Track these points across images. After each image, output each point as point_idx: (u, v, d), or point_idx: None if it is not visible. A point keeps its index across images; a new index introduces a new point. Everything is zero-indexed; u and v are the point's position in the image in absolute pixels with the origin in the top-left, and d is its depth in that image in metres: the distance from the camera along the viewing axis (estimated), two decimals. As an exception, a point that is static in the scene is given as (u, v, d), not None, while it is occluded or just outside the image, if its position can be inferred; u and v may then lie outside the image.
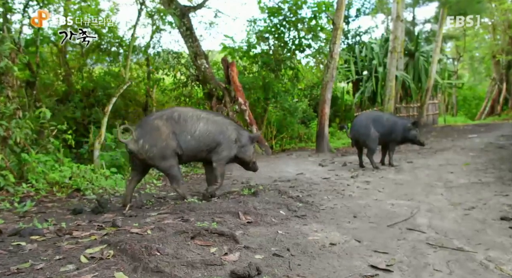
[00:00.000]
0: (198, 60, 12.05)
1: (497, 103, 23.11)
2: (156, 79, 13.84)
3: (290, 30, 15.38)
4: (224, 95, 11.72)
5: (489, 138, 12.12)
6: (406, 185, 5.93)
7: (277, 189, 4.72)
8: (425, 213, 4.19)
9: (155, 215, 3.52)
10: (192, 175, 8.05)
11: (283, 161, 9.99)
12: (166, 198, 4.95)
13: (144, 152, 4.01)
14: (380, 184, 5.93)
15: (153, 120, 4.23)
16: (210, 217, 3.24)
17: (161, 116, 4.26)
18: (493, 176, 6.55)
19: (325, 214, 3.90)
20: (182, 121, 4.27)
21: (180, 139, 4.21)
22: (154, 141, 4.03)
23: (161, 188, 6.04)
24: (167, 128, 4.14)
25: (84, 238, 2.75)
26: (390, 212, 4.18)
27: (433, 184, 6.00)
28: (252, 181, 6.99)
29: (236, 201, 3.91)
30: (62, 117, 11.59)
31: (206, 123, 4.41)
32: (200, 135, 4.32)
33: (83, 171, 5.66)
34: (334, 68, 11.69)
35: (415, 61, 17.70)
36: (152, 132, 4.08)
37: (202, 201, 4.30)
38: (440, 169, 7.47)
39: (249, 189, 4.73)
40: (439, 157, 9.13)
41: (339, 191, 5.19)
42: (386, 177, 6.74)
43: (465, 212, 4.24)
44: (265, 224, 3.26)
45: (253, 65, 15.52)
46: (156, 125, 4.14)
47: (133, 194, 4.70)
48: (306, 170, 8.12)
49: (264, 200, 4.01)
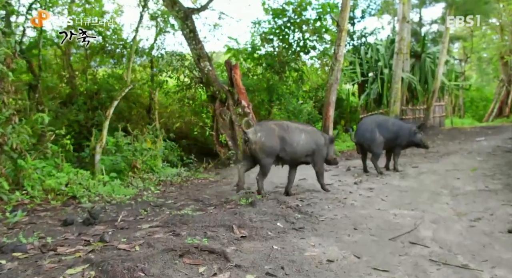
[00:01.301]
0: (201, 63, 11.90)
1: (505, 105, 22.69)
2: (160, 81, 13.75)
3: (295, 32, 15.23)
4: (227, 98, 11.56)
5: (496, 141, 11.86)
6: (411, 192, 5.75)
7: (276, 198, 4.57)
8: (429, 224, 4.01)
9: (147, 228, 3.39)
10: (193, 179, 7.92)
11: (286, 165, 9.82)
12: (163, 206, 4.82)
13: (258, 143, 4.87)
14: (383, 191, 5.75)
15: (270, 124, 5.25)
16: (203, 231, 3.11)
17: (276, 123, 5.30)
18: (501, 182, 6.34)
19: (324, 225, 3.75)
20: (290, 131, 5.20)
21: (287, 145, 5.14)
22: (268, 138, 4.94)
23: (158, 194, 5.91)
24: (279, 133, 5.08)
25: (68, 255, 2.62)
26: (392, 223, 4.02)
27: (438, 191, 5.81)
28: (254, 186, 6.85)
29: (232, 212, 3.76)
30: (65, 120, 11.55)
31: (306, 135, 5.38)
32: (303, 144, 5.30)
33: (80, 177, 5.54)
34: (339, 70, 11.49)
35: (422, 62, 17.43)
36: (268, 131, 5.00)
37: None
38: (447, 174, 7.26)
39: (247, 199, 4.58)
40: (446, 161, 8.91)
41: (341, 200, 5.02)
42: (390, 183, 6.56)
43: (471, 224, 4.06)
44: (260, 238, 3.11)
45: (257, 67, 15.38)
46: (272, 128, 5.09)
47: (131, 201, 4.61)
48: (308, 175, 7.94)
49: (261, 210, 3.87)
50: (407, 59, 16.75)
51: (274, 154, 5.09)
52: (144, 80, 13.68)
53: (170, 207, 4.71)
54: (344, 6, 11.44)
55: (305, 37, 15.18)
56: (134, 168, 7.56)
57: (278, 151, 5.09)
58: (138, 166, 7.56)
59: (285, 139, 5.09)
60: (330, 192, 5.71)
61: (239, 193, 5.10)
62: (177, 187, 7.04)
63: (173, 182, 7.35)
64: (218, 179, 8.04)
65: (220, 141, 10.95)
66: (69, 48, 13.43)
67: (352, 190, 5.92)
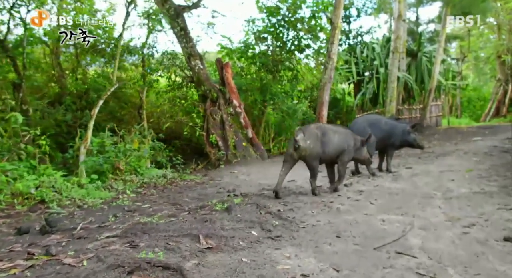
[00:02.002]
0: (192, 61, 11.60)
1: (502, 105, 22.39)
2: (150, 80, 13.43)
3: (289, 30, 14.90)
4: (218, 97, 11.26)
5: (493, 141, 11.56)
6: (402, 195, 5.43)
7: (256, 203, 4.25)
8: (418, 231, 3.70)
9: (103, 239, 3.07)
10: (179, 181, 7.60)
11: (278, 166, 9.46)
12: (136, 211, 4.49)
13: (308, 149, 5.29)
14: (373, 194, 5.43)
15: (313, 129, 5.55)
16: (165, 241, 2.79)
17: (317, 127, 5.63)
18: (497, 184, 6.03)
19: (304, 233, 3.43)
20: (327, 134, 5.57)
21: (324, 147, 5.51)
22: (314, 144, 5.36)
23: (136, 198, 5.58)
24: (320, 138, 5.46)
25: (3, 272, 2.30)
26: (379, 230, 3.70)
27: (431, 194, 5.50)
28: (240, 188, 6.54)
29: (203, 219, 3.44)
30: (52, 120, 11.23)
31: (338, 136, 5.73)
32: (336, 145, 5.65)
33: (53, 180, 5.22)
34: (332, 69, 11.19)
35: (418, 61, 17.12)
36: (313, 137, 5.40)
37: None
38: (441, 176, 6.95)
39: (223, 204, 4.26)
40: (441, 162, 8.60)
41: (327, 204, 4.70)
42: (381, 185, 6.24)
43: (464, 230, 3.75)
44: (229, 250, 2.79)
45: (251, 66, 15.05)
46: (316, 133, 5.47)
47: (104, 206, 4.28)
48: (299, 176, 7.64)
49: (236, 217, 3.55)
50: (403, 58, 16.44)
51: (319, 157, 5.50)
52: (135, 79, 13.31)
53: (143, 212, 4.39)
54: (337, 4, 11.16)
55: (300, 36, 14.84)
56: (117, 170, 7.24)
57: (321, 152, 5.49)
58: (121, 168, 7.24)
59: (325, 142, 5.50)
60: (318, 194, 5.40)
61: (278, 196, 5.17)
62: (160, 189, 6.72)
63: (157, 184, 7.04)
64: (205, 181, 7.73)
65: (210, 141, 10.63)
66: (57, 46, 13.09)
67: (341, 192, 5.61)
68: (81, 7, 13.51)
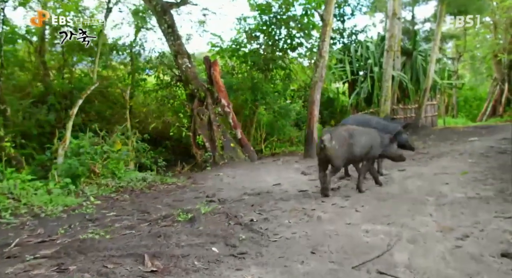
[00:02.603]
0: (179, 59, 11.15)
1: (499, 104, 21.97)
2: (138, 80, 12.99)
3: (281, 29, 14.47)
4: (206, 97, 10.82)
5: (490, 142, 11.15)
6: (392, 200, 5.01)
7: (226, 212, 3.81)
8: (405, 245, 3.28)
9: (31, 260, 2.63)
10: (159, 185, 7.17)
11: (266, 168, 9.09)
12: (97, 220, 4.05)
13: (333, 150, 5.36)
14: (360, 200, 5.01)
15: (341, 131, 5.66)
16: (102, 263, 2.36)
17: (345, 129, 5.73)
18: (493, 188, 5.61)
19: (274, 249, 2.99)
20: (355, 136, 5.65)
21: (354, 148, 5.59)
22: (340, 145, 5.44)
23: (102, 205, 5.12)
24: (347, 139, 5.54)
25: None
26: (361, 243, 3.27)
27: (423, 199, 5.07)
28: (221, 193, 6.11)
29: (156, 234, 3.01)
30: (34, 120, 10.78)
31: (366, 137, 5.80)
32: (363, 145, 5.71)
33: (12, 185, 4.77)
34: (324, 67, 10.76)
35: (413, 60, 16.69)
36: (340, 138, 5.49)
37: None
38: (434, 179, 6.53)
39: (187, 213, 3.82)
40: (435, 164, 8.19)
41: (308, 212, 4.27)
42: (370, 190, 5.82)
43: (457, 243, 3.32)
44: (178, 273, 2.36)
45: (242, 65, 14.61)
46: (343, 135, 5.56)
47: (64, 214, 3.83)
48: (286, 179, 7.22)
49: (197, 230, 3.12)
50: (398, 57, 16.02)
51: (345, 157, 5.56)
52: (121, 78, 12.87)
53: (101, 222, 3.95)
54: (329, 0, 10.72)
55: (292, 34, 14.40)
56: (92, 173, 6.79)
57: (347, 154, 5.55)
58: (97, 171, 6.80)
59: (352, 143, 5.58)
60: (300, 200, 4.97)
61: (327, 195, 5.32)
62: (137, 193, 6.29)
63: (135, 188, 6.59)
64: (187, 184, 7.30)
65: (197, 142, 10.19)
66: (43, 44, 12.64)
67: (326, 198, 5.18)
68: (67, 4, 13.09)
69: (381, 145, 6.02)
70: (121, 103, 14.02)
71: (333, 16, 18.49)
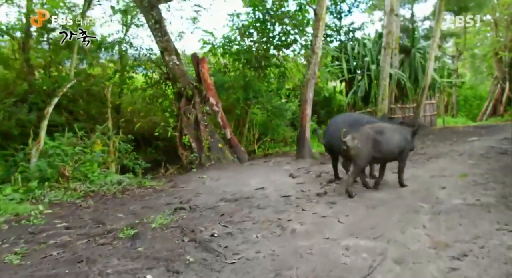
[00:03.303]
0: (166, 56, 10.61)
1: (499, 103, 21.33)
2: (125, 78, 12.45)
3: (275, 25, 13.91)
4: (194, 95, 10.27)
5: (490, 142, 10.57)
6: (382, 208, 4.45)
7: (182, 225, 3.26)
8: (391, 266, 2.72)
9: None
10: (136, 189, 6.62)
11: (255, 170, 8.53)
12: (37, 234, 3.50)
13: (355, 149, 5.19)
14: (346, 208, 4.45)
15: (366, 129, 5.43)
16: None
17: (371, 127, 5.48)
18: (495, 194, 5.05)
19: (228, 274, 2.44)
20: (385, 133, 5.43)
21: (382, 146, 5.36)
22: (363, 144, 5.24)
23: (55, 214, 4.55)
24: (374, 137, 5.31)
25: None
26: (338, 264, 2.72)
27: (417, 206, 4.52)
28: (198, 198, 5.57)
29: (78, 258, 2.46)
30: (14, 120, 10.26)
31: (399, 134, 5.58)
32: (396, 143, 5.50)
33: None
34: (316, 64, 10.19)
35: (411, 58, 16.10)
36: (363, 137, 5.29)
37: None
38: (431, 182, 5.97)
39: (132, 228, 3.27)
40: (433, 165, 7.62)
41: (283, 223, 3.71)
42: (360, 195, 5.26)
43: (452, 264, 2.77)
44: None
45: (235, 63, 14.05)
46: (367, 133, 5.35)
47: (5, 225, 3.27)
48: (272, 182, 6.67)
49: (135, 251, 2.57)
50: (396, 54, 15.44)
51: (370, 157, 5.35)
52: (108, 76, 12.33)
53: (39, 237, 3.39)
54: (322, -7, 10.15)
55: (287, 31, 13.82)
56: (61, 176, 6.25)
57: (373, 153, 5.33)
58: (66, 174, 6.25)
59: (381, 141, 5.32)
60: (278, 208, 4.41)
61: (351, 195, 5.13)
62: (107, 198, 5.75)
63: (106, 193, 6.05)
64: (165, 188, 6.75)
65: (183, 143, 9.63)
66: (27, 41, 12.11)
67: (308, 205, 4.62)
68: (54, 0, 12.56)
69: (409, 141, 5.79)
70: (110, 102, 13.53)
71: (330, 13, 18.04)
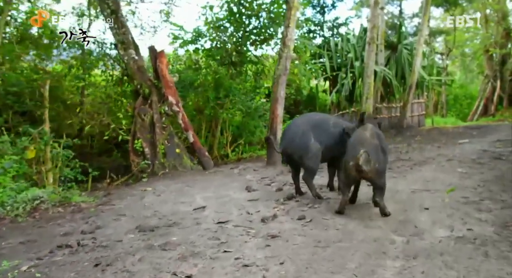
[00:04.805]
0: (121, 50, 9.27)
1: (490, 103, 20.24)
2: (84, 75, 11.09)
3: (251, 19, 12.62)
4: (151, 93, 8.95)
5: (482, 144, 9.36)
6: (336, 247, 3.15)
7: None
8: None
9: None
10: (50, 208, 5.30)
11: (210, 180, 7.21)
12: None
13: (373, 171, 4.04)
14: (287, 246, 3.15)
15: (370, 139, 4.23)
16: None
17: (371, 134, 4.31)
18: (492, 219, 3.79)
19: None
20: (381, 139, 4.39)
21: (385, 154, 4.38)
22: (378, 159, 4.13)
23: None
24: (379, 147, 4.27)
25: None
26: None
27: (386, 243, 3.23)
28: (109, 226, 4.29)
29: None
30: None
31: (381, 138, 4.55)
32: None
33: None
34: (288, 58, 8.89)
35: (398, 54, 14.86)
36: (376, 151, 4.15)
37: None
38: (411, 200, 4.71)
39: None
40: (416, 174, 6.36)
41: None
42: (316, 221, 3.97)
43: None
44: None
45: (208, 59, 12.73)
46: (376, 144, 4.22)
47: None
48: (220, 198, 5.38)
49: None
50: (382, 50, 14.21)
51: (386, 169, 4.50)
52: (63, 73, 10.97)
53: None
54: (293, -21, 8.86)
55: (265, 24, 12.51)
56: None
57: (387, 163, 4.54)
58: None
59: (384, 148, 4.41)
60: (194, 247, 3.11)
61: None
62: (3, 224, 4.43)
63: (4, 216, 4.73)
64: (91, 206, 5.44)
65: (134, 148, 8.30)
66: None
67: (241, 240, 3.32)
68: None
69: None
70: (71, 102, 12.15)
71: (312, 7, 16.78)
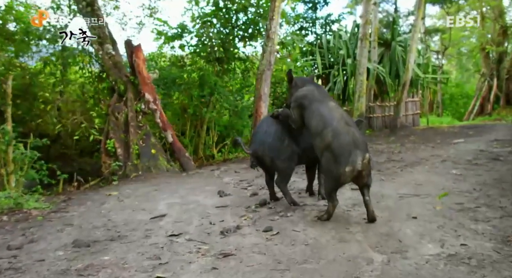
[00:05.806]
0: (94, 45, 8.67)
1: (487, 102, 19.72)
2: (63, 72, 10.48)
3: (239, 14, 12.04)
4: (126, 90, 8.34)
5: (479, 144, 8.78)
6: (298, 271, 2.56)
7: None
8: None
9: None
10: (5, 214, 4.70)
11: (185, 183, 6.62)
12: None
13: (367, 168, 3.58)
14: (237, 268, 2.55)
15: (353, 132, 3.61)
16: None
17: (353, 131, 3.65)
18: (491, 231, 3.19)
19: None
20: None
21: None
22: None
23: None
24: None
25: None
26: None
27: (359, 264, 2.63)
28: (43, 239, 3.68)
29: None
30: None
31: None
32: None
33: None
34: (272, 53, 8.30)
35: (392, 52, 14.29)
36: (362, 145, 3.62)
37: None
38: (398, 207, 4.11)
39: None
40: (406, 177, 5.77)
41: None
42: (283, 233, 3.37)
43: None
44: None
45: (193, 56, 12.14)
46: (362, 141, 3.62)
47: None
48: (184, 205, 4.78)
49: None
50: (375, 47, 13.64)
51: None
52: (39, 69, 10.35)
53: None
54: (278, -32, 8.28)
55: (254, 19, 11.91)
56: None
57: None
58: None
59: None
60: (121, 271, 2.50)
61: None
62: None
63: None
64: (43, 214, 4.83)
65: (106, 148, 7.68)
66: None
67: (186, 259, 2.72)
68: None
69: None
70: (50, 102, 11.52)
71: (304, 3, 16.18)
